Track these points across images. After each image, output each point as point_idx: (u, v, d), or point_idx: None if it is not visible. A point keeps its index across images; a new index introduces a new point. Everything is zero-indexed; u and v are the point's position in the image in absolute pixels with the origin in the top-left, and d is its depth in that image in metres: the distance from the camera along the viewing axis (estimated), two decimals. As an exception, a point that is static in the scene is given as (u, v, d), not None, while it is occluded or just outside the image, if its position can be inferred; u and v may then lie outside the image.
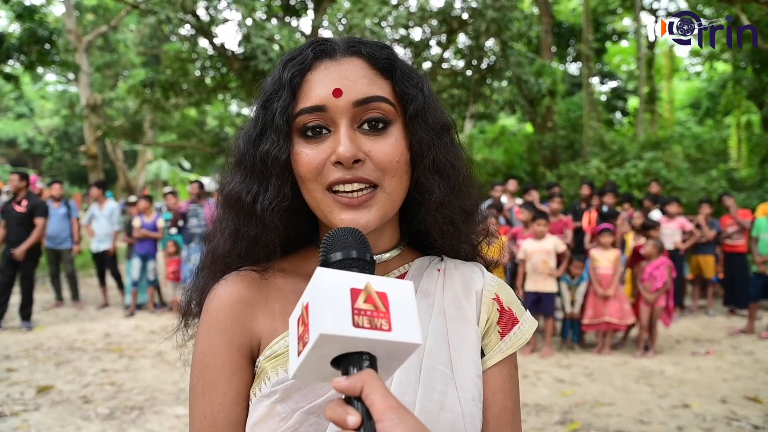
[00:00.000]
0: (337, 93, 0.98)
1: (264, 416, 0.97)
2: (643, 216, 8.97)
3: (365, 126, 0.99)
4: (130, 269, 10.01)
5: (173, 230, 10.07)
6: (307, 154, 0.99)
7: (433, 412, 0.97)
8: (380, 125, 1.00)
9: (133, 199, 13.06)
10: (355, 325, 0.71)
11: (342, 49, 1.04)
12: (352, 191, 0.98)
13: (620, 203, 10.08)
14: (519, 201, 9.91)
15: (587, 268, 7.71)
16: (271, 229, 1.04)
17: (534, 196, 9.92)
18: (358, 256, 0.82)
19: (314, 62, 1.03)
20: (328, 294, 0.73)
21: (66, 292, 10.54)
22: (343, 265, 0.81)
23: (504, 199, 10.18)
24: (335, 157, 0.96)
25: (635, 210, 9.77)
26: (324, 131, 1.00)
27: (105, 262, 10.29)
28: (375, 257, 1.06)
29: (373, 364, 0.74)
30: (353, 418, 0.68)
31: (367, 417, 0.69)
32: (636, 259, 8.01)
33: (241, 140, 1.09)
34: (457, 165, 1.09)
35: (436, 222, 1.07)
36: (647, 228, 8.04)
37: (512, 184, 10.45)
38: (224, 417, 1.00)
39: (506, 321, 1.10)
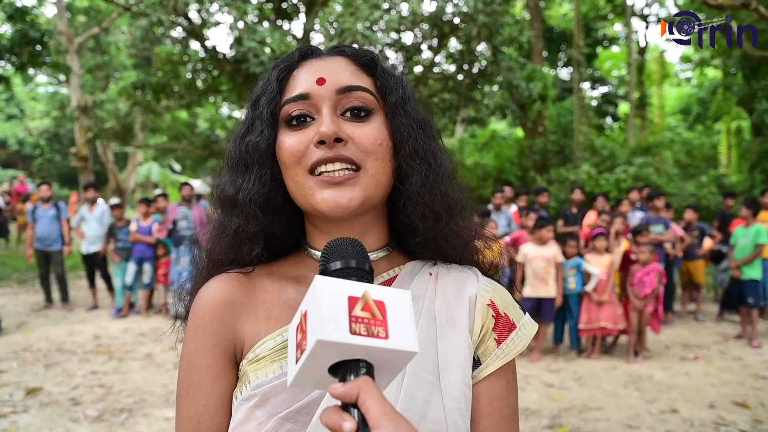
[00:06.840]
0: (321, 81, 1.03)
1: (243, 420, 0.98)
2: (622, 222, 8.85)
3: (348, 114, 1.03)
4: (124, 273, 9.87)
5: (162, 233, 10.01)
6: (291, 139, 1.03)
7: (413, 421, 0.95)
8: (362, 113, 1.03)
9: (113, 201, 12.94)
10: (353, 332, 0.72)
11: (327, 51, 1.11)
12: (334, 170, 0.99)
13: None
14: (514, 207, 9.92)
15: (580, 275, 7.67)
16: (251, 218, 1.05)
17: (523, 200, 9.99)
18: (357, 265, 0.84)
19: (301, 61, 1.09)
20: (326, 301, 0.74)
21: (55, 294, 10.48)
22: (342, 274, 0.83)
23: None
24: (318, 136, 0.99)
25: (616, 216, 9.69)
26: (308, 119, 1.03)
27: (95, 264, 10.25)
28: None
29: (370, 371, 0.74)
30: (349, 424, 0.69)
31: (363, 424, 0.69)
32: (627, 263, 8.02)
33: (231, 141, 1.13)
34: (438, 156, 1.10)
35: (417, 208, 1.06)
36: (636, 233, 8.05)
37: (508, 191, 10.44)
38: (208, 418, 1.01)
39: (502, 327, 1.08)
